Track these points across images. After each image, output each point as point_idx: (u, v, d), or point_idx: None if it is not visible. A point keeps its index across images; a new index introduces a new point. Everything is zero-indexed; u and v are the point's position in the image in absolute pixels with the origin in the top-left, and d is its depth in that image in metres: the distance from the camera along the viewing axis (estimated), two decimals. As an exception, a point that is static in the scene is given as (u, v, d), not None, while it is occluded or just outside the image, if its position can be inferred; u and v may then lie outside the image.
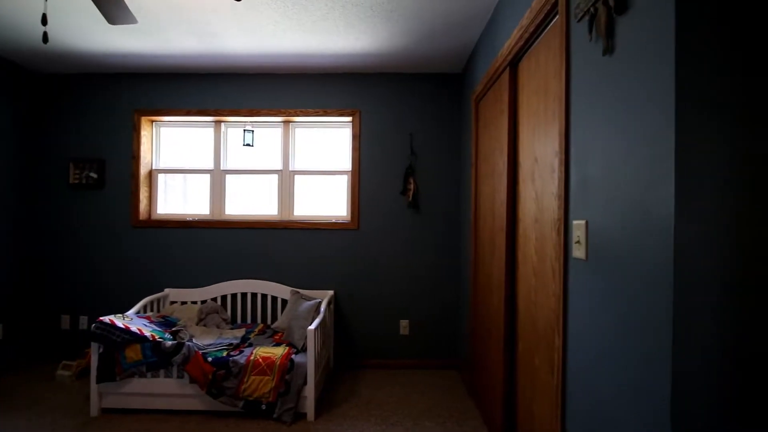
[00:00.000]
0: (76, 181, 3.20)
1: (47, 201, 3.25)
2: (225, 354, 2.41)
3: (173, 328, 2.61)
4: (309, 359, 2.32)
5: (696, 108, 0.82)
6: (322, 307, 2.68)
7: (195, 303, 3.17)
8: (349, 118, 3.23)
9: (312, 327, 2.34)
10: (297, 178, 3.31)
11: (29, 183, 3.24)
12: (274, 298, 3.23)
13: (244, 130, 3.20)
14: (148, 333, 2.39)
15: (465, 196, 2.96)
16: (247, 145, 3.20)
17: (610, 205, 1.06)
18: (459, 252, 3.17)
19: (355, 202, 3.19)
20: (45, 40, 1.63)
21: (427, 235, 3.20)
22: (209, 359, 2.33)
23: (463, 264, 3.02)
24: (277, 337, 2.76)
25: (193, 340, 2.53)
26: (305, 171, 3.30)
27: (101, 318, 2.35)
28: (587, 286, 1.17)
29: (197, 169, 3.32)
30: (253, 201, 3.33)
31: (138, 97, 3.23)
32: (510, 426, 1.94)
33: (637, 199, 0.94)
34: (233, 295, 3.23)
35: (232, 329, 2.92)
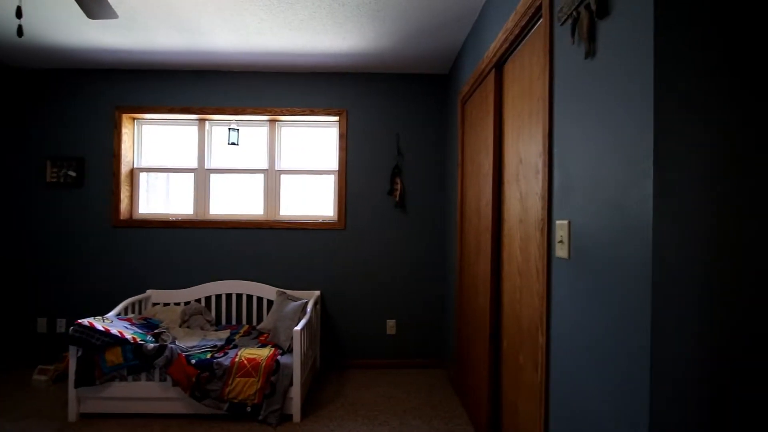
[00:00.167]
0: (54, 179, 3.11)
1: (23, 200, 3.14)
2: (209, 356, 2.37)
3: (155, 331, 2.56)
4: (295, 360, 2.30)
5: (674, 110, 0.84)
6: (309, 308, 2.67)
7: (178, 304, 3.11)
8: (335, 118, 3.21)
9: (298, 328, 2.32)
10: (283, 177, 3.28)
11: (3, 181, 3.12)
12: (259, 299, 3.20)
13: (229, 129, 3.15)
14: (129, 335, 2.34)
15: (451, 196, 2.98)
16: (233, 143, 3.16)
17: (591, 205, 1.08)
18: (446, 252, 3.19)
19: (342, 201, 3.18)
20: (20, 33, 1.58)
21: (413, 234, 3.21)
22: (193, 361, 2.29)
23: (449, 264, 3.04)
24: (262, 338, 2.73)
25: (176, 343, 2.49)
26: (291, 170, 3.27)
27: (80, 321, 2.28)
28: (570, 285, 1.19)
29: (181, 168, 3.26)
30: (238, 201, 3.29)
31: (119, 94, 3.16)
32: (495, 423, 1.96)
33: (617, 199, 0.97)
34: (218, 296, 3.18)
35: (216, 331, 2.87)
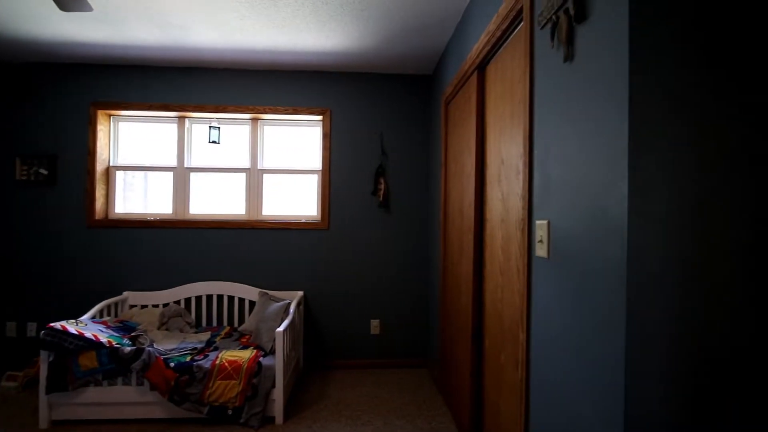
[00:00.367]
0: (24, 177, 2.98)
1: (-10, 199, 3.01)
2: (189, 359, 2.32)
3: (132, 334, 2.49)
4: (278, 361, 2.27)
5: (648, 113, 0.87)
6: (292, 308, 2.64)
7: (156, 306, 3.03)
8: (319, 117, 3.19)
9: (281, 329, 2.30)
10: (266, 177, 3.24)
11: (-31, 179, 2.99)
12: (241, 300, 3.15)
13: (210, 127, 3.09)
14: (104, 339, 2.27)
15: (435, 196, 3.00)
16: (213, 142, 3.10)
17: (569, 206, 1.10)
18: (429, 251, 3.21)
19: (326, 201, 3.16)
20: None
21: (397, 234, 3.22)
22: (171, 365, 2.24)
23: (433, 263, 3.06)
24: (244, 339, 2.69)
25: (155, 345, 2.42)
26: (274, 170, 3.23)
27: (52, 324, 2.20)
28: (549, 284, 1.22)
29: (159, 167, 3.18)
30: (219, 200, 3.23)
31: (95, 90, 3.05)
32: (477, 422, 1.98)
33: (594, 200, 0.99)
34: (198, 298, 3.11)
35: (196, 333, 2.82)
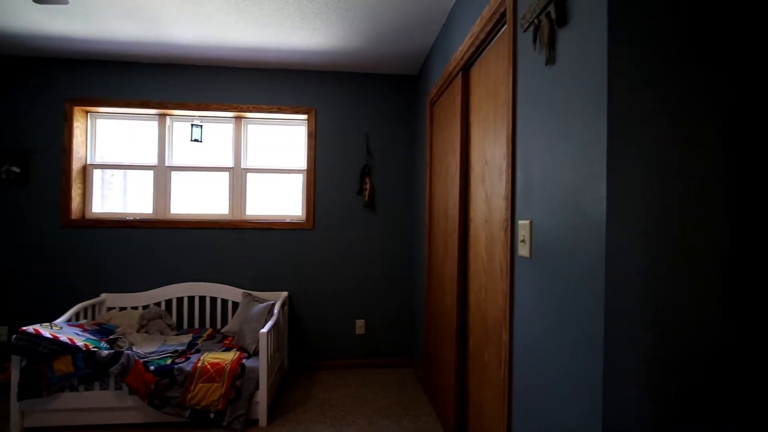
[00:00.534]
0: (-5, 175, 2.87)
1: (-42, 198, 2.89)
2: (169, 361, 2.27)
3: (110, 337, 2.42)
4: (261, 363, 2.24)
5: (626, 116, 0.89)
6: (276, 309, 2.61)
7: (136, 309, 2.96)
8: (304, 116, 3.17)
9: (264, 330, 2.27)
10: (249, 176, 3.19)
11: (-65, 177, 2.85)
12: (224, 301, 3.10)
13: (192, 125, 3.03)
14: (80, 342, 2.20)
15: (420, 196, 3.01)
16: (196, 140, 3.04)
17: (551, 206, 1.12)
18: (415, 251, 3.22)
19: (311, 201, 3.13)
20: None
21: (383, 235, 3.22)
22: (151, 368, 2.18)
23: (418, 263, 3.08)
24: (227, 341, 2.65)
25: (134, 349, 2.36)
26: (258, 169, 3.19)
27: (24, 328, 2.12)
28: (531, 283, 1.24)
29: (139, 165, 3.10)
30: (202, 200, 3.17)
31: (71, 85, 2.96)
32: (461, 420, 2.00)
33: (574, 200, 1.01)
34: (179, 299, 3.05)
35: (177, 335, 2.76)
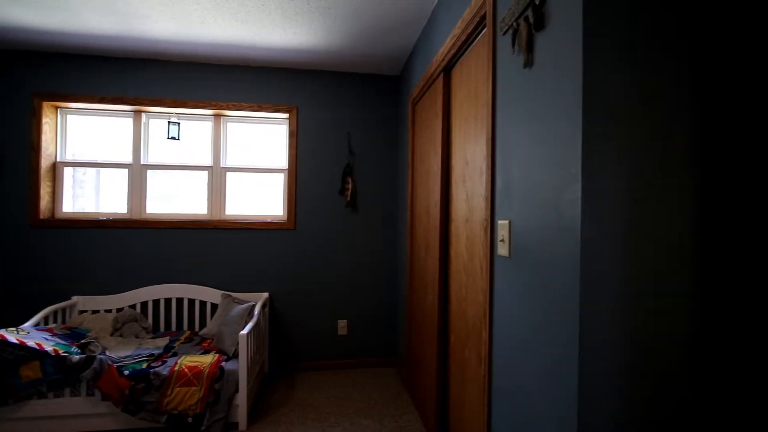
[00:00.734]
0: (-44, 173, 2.73)
1: None
2: (145, 366, 2.21)
3: (82, 341, 2.33)
4: (241, 365, 2.21)
5: (601, 119, 0.92)
6: (256, 311, 2.57)
7: (109, 311, 2.86)
8: (285, 115, 3.13)
9: (244, 332, 2.23)
10: (229, 175, 3.13)
11: None
12: (202, 303, 3.03)
13: (169, 122, 2.96)
14: (49, 347, 2.11)
15: (402, 196, 3.02)
16: (173, 138, 2.96)
17: (528, 206, 1.15)
18: (397, 251, 3.23)
19: (292, 201, 3.10)
20: None
21: (365, 234, 3.22)
22: (126, 372, 2.12)
23: (400, 263, 3.09)
24: (205, 344, 2.59)
25: (107, 353, 2.29)
26: (238, 168, 3.14)
27: (-12, 333, 2.02)
28: (510, 282, 1.26)
29: (113, 163, 3.00)
30: (179, 199, 3.09)
31: (39, 80, 2.83)
32: (443, 417, 2.02)
33: (551, 201, 1.03)
34: (155, 302, 2.97)
35: (153, 339, 2.68)
